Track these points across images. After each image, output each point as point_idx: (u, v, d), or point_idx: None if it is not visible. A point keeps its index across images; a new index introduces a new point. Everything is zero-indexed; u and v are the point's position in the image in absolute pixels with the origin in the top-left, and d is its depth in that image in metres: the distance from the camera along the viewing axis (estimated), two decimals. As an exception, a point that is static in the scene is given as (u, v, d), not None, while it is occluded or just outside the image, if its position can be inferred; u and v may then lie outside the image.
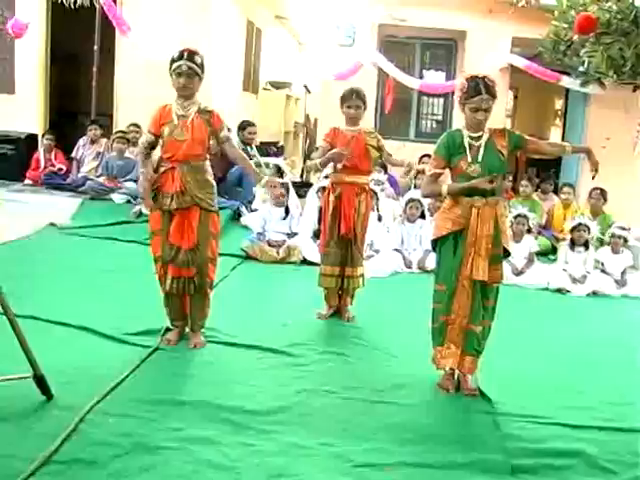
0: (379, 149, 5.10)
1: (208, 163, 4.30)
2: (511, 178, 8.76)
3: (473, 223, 3.77)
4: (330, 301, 5.23)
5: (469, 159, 3.79)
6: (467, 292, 3.82)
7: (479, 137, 3.83)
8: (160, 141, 4.24)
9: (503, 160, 3.83)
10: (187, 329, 4.43)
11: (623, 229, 7.52)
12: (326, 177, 8.00)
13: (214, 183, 4.32)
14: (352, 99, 5.02)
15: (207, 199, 4.20)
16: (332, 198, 5.08)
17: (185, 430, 3.22)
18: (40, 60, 9.87)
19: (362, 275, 5.20)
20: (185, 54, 4.08)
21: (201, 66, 4.10)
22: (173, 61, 4.10)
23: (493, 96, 3.76)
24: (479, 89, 3.72)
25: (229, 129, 8.35)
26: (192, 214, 4.16)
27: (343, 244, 5.09)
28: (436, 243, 4.02)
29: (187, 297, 4.34)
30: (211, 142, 4.28)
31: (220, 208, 4.49)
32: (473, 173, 3.78)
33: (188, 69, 4.05)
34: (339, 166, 5.05)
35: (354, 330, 5.02)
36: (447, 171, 3.95)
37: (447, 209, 3.91)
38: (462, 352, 3.89)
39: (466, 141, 3.82)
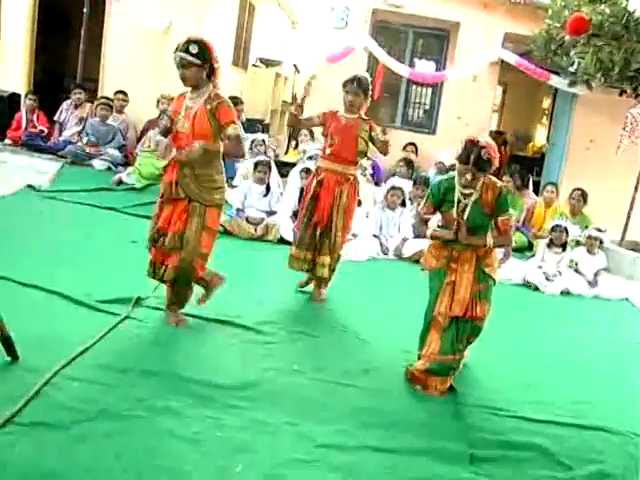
0: (370, 140, 5.05)
1: (217, 157, 4.14)
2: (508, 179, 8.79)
3: (453, 265, 3.85)
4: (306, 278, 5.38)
5: (454, 214, 3.82)
6: (440, 327, 3.86)
7: (469, 194, 3.80)
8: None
9: (487, 218, 3.85)
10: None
11: (599, 231, 7.59)
12: (310, 158, 8.01)
13: (219, 178, 4.16)
14: (351, 84, 4.96)
15: (204, 194, 4.07)
16: (314, 182, 5.09)
17: (150, 400, 3.22)
18: (27, 18, 9.70)
19: (329, 266, 5.15)
20: (180, 45, 3.98)
21: (197, 55, 3.93)
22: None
23: (480, 169, 3.66)
24: (467, 158, 3.65)
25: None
26: (182, 205, 4.07)
27: (315, 230, 5.09)
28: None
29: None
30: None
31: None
32: (454, 228, 3.83)
33: (181, 60, 3.96)
34: (327, 151, 5.04)
35: (327, 312, 5.04)
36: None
37: (433, 246, 3.99)
38: (428, 373, 3.89)
39: (457, 195, 3.81)
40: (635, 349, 5.38)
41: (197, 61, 3.95)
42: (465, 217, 3.80)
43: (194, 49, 3.93)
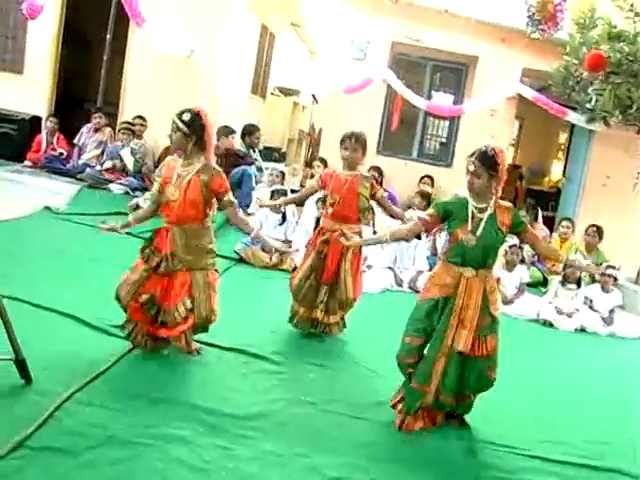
0: (372, 197, 4.98)
1: (208, 227, 4.16)
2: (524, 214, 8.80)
3: (460, 293, 3.69)
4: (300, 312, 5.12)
5: (469, 228, 3.71)
6: (444, 361, 3.71)
7: (484, 209, 3.73)
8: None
9: (501, 237, 3.76)
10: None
11: (613, 268, 7.53)
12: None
13: (211, 247, 4.16)
14: (349, 141, 4.87)
15: (200, 261, 4.08)
16: (319, 241, 4.97)
17: (160, 427, 3.21)
18: (52, 42, 9.86)
19: (338, 323, 5.10)
20: (179, 111, 4.02)
21: (186, 123, 3.95)
22: None
23: (484, 165, 3.63)
24: (474, 153, 3.68)
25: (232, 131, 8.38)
26: (180, 277, 4.05)
27: (319, 288, 4.98)
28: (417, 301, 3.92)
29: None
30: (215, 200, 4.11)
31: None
32: (469, 243, 3.70)
33: (172, 123, 4.01)
34: (329, 211, 4.94)
35: (339, 343, 5.02)
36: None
37: (437, 274, 3.85)
38: (433, 411, 3.82)
39: (470, 210, 3.73)
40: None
41: (185, 129, 3.96)
42: (479, 233, 3.69)
43: (186, 117, 3.97)
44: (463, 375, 3.74)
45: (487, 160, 3.64)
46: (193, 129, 3.98)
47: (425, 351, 3.78)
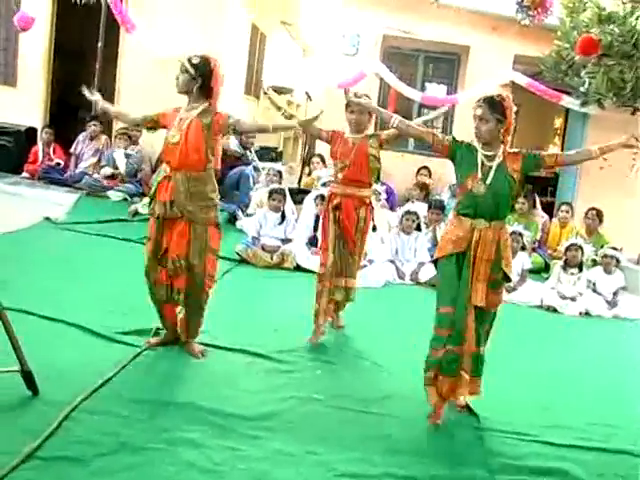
0: (385, 142, 4.93)
1: (210, 174, 4.14)
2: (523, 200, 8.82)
3: (474, 246, 3.66)
4: (319, 320, 4.89)
5: (479, 176, 3.68)
6: (473, 316, 3.68)
7: (492, 157, 3.72)
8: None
9: (512, 185, 3.72)
10: (180, 334, 4.31)
11: (615, 249, 7.54)
12: (324, 185, 8.04)
13: (214, 196, 4.15)
14: (355, 103, 4.85)
15: (200, 212, 4.06)
16: (331, 208, 4.92)
17: (170, 431, 3.22)
18: (44, 53, 9.87)
19: (353, 289, 5.07)
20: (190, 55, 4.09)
21: (194, 65, 4.02)
22: None
23: (491, 108, 3.65)
24: (481, 98, 3.72)
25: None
26: (180, 226, 4.06)
27: (347, 256, 4.94)
28: (437, 264, 3.90)
29: (172, 306, 4.24)
30: (222, 145, 4.18)
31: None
32: (478, 193, 3.66)
33: (181, 65, 4.07)
34: (339, 176, 4.92)
35: (344, 339, 5.03)
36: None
37: (450, 230, 3.83)
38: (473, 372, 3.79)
39: (479, 158, 3.72)
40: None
41: (191, 70, 4.04)
42: (489, 181, 3.66)
43: (195, 60, 4.05)
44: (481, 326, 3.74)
45: (494, 104, 3.67)
46: (200, 72, 4.05)
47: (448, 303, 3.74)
